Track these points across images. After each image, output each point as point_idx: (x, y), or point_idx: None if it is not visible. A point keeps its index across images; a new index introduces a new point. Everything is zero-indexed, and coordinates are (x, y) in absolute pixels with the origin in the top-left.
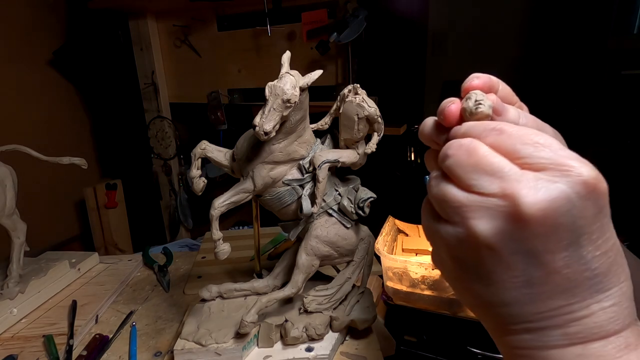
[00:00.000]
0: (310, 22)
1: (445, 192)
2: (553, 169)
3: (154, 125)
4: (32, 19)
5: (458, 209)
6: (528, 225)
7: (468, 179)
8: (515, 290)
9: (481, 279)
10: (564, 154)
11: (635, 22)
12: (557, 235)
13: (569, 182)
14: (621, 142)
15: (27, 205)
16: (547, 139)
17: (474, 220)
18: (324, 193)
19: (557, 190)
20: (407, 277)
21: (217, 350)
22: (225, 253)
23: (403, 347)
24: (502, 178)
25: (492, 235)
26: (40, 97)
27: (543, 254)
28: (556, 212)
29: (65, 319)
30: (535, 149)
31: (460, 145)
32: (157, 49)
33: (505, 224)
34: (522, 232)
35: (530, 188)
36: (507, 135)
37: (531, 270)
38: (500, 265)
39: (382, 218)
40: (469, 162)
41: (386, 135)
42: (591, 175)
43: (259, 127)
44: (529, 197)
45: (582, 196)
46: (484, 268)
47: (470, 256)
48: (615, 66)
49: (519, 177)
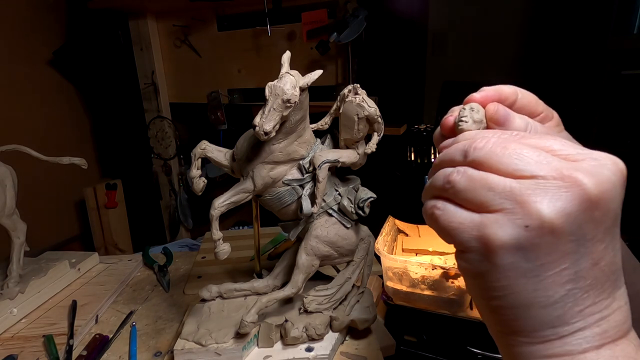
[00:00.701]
0: (310, 22)
1: (488, 180)
2: (591, 158)
3: (154, 125)
4: (32, 19)
5: (510, 194)
6: (592, 207)
7: (512, 165)
8: (562, 286)
9: (532, 275)
10: (586, 149)
11: (635, 22)
12: (605, 222)
13: (612, 170)
14: (621, 142)
15: (27, 205)
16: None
17: (535, 203)
18: (324, 193)
19: (607, 176)
20: (407, 277)
21: (217, 350)
22: (225, 253)
23: (403, 347)
24: (552, 163)
25: (558, 216)
26: (40, 97)
27: (591, 242)
28: (609, 196)
29: (65, 319)
30: (564, 145)
31: (488, 138)
32: (157, 49)
33: (570, 204)
34: (584, 215)
35: (586, 172)
36: (528, 137)
37: (579, 260)
38: (557, 253)
39: (382, 218)
40: (507, 151)
41: (386, 135)
42: (623, 165)
43: (259, 127)
44: (591, 180)
45: (621, 184)
46: (540, 260)
47: (528, 246)
48: (615, 66)
49: (571, 163)
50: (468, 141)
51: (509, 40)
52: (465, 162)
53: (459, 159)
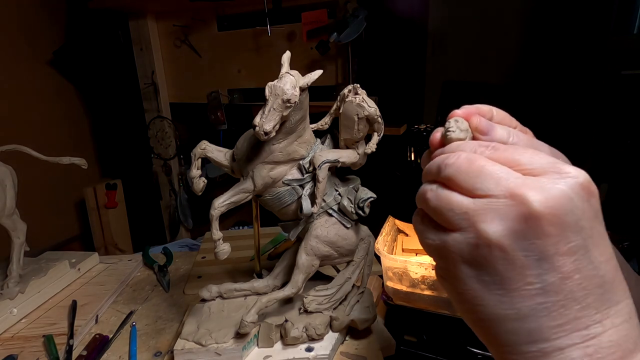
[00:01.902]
0: (310, 22)
1: (450, 200)
2: (552, 172)
3: (154, 125)
4: (32, 19)
5: (465, 214)
6: (538, 223)
7: (472, 183)
8: (530, 300)
9: (495, 288)
10: (558, 161)
11: (635, 22)
12: (566, 236)
13: (568, 184)
14: (621, 142)
15: (27, 205)
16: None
17: (484, 223)
18: (324, 193)
19: (560, 190)
20: (407, 277)
21: (217, 350)
22: (225, 253)
23: (403, 347)
24: (508, 180)
25: (504, 235)
26: (40, 97)
27: (555, 257)
28: (562, 211)
29: (65, 319)
30: (532, 157)
31: (459, 155)
32: (157, 49)
33: (516, 223)
34: (533, 231)
35: (536, 188)
36: (502, 149)
37: (545, 275)
38: (515, 270)
39: (382, 218)
40: (472, 168)
41: (386, 135)
42: (586, 178)
43: (259, 127)
44: (538, 196)
45: (581, 197)
46: (499, 274)
47: (484, 263)
48: (615, 66)
49: (523, 180)
50: (443, 156)
51: (509, 40)
52: (439, 177)
53: (435, 174)
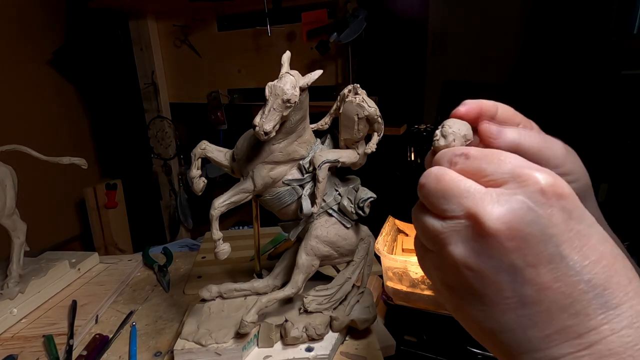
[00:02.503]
0: (310, 22)
1: (424, 223)
2: (513, 181)
3: (154, 125)
4: (32, 19)
5: (435, 238)
6: (496, 241)
7: (439, 204)
8: (511, 313)
9: (477, 305)
10: (525, 165)
11: (635, 22)
12: (532, 247)
13: (527, 192)
14: (621, 142)
15: (27, 205)
16: (510, 155)
17: (449, 245)
18: (324, 193)
19: (517, 201)
20: (407, 277)
21: (217, 350)
22: (225, 253)
23: (403, 347)
24: (467, 198)
25: (468, 256)
26: (40, 97)
27: (526, 269)
28: (521, 223)
29: (65, 319)
30: (498, 165)
31: (430, 173)
32: (157, 49)
33: (476, 243)
34: (494, 249)
35: (492, 203)
36: (472, 157)
37: (521, 288)
38: (489, 286)
39: (382, 218)
40: (438, 188)
41: (386, 135)
42: (548, 182)
43: (259, 127)
44: (492, 213)
45: (543, 204)
46: (476, 292)
47: (459, 282)
48: (615, 66)
49: (483, 195)
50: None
51: (509, 40)
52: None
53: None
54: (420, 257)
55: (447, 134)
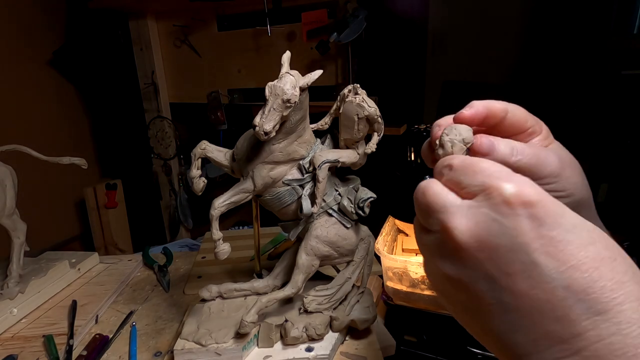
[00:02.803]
0: (310, 22)
1: (418, 235)
2: (481, 193)
3: (154, 125)
4: (32, 19)
5: (424, 252)
6: (468, 253)
7: (424, 219)
8: (497, 318)
9: (467, 312)
10: (495, 175)
11: (635, 22)
12: (503, 257)
13: (491, 205)
14: (621, 142)
15: (27, 205)
16: (486, 164)
17: (433, 257)
18: (324, 193)
19: (482, 214)
20: (407, 277)
21: (217, 350)
22: (225, 253)
23: (403, 347)
24: (443, 212)
25: (448, 268)
26: (40, 97)
27: (501, 278)
28: (488, 235)
29: (65, 319)
30: (472, 177)
31: (419, 187)
32: (157, 49)
33: (451, 256)
34: (468, 261)
35: (461, 217)
36: (454, 169)
37: (500, 296)
38: (471, 295)
39: (382, 218)
40: (423, 202)
41: (386, 135)
42: (511, 192)
43: (259, 127)
44: (460, 227)
45: (507, 214)
46: (464, 301)
47: (449, 292)
48: (615, 66)
49: (455, 210)
50: None
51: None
52: None
53: None
54: (424, 264)
55: (445, 142)
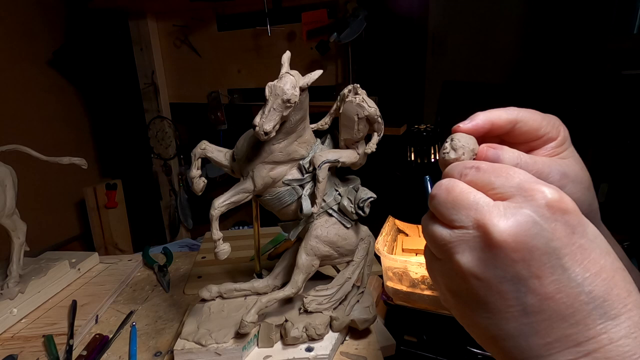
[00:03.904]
0: (310, 22)
1: (433, 232)
2: (519, 195)
3: (154, 125)
4: (32, 19)
5: (444, 246)
6: (503, 251)
7: (449, 215)
8: (514, 321)
9: (482, 312)
10: (532, 180)
11: (635, 22)
12: (536, 259)
13: (533, 206)
14: (621, 142)
15: (27, 205)
16: (518, 170)
17: (457, 254)
18: (324, 193)
19: (523, 215)
20: (407, 277)
21: (217, 350)
22: (225, 253)
23: (403, 347)
24: (476, 210)
25: (475, 265)
26: (40, 97)
27: (530, 280)
28: (526, 236)
29: (65, 319)
30: (506, 179)
31: (441, 184)
32: (157, 49)
33: (483, 253)
34: (500, 259)
35: (500, 216)
36: (483, 170)
37: (524, 298)
38: (494, 295)
39: (382, 218)
40: (448, 199)
41: (386, 135)
42: (554, 197)
43: (259, 127)
44: (499, 225)
45: (547, 218)
46: (481, 300)
47: (465, 289)
48: (615, 66)
49: (491, 208)
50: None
51: (509, 40)
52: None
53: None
54: (428, 265)
55: (457, 147)
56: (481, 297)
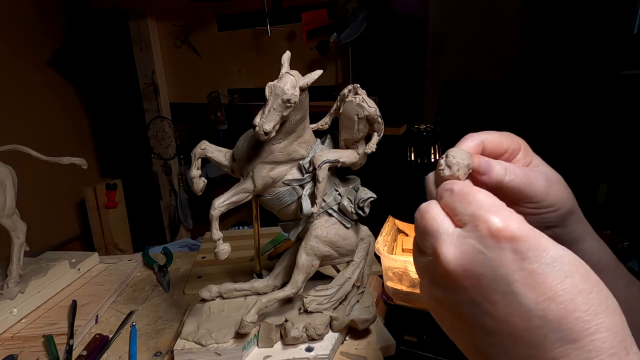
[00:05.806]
0: (310, 22)
1: (415, 256)
2: (470, 223)
3: (154, 125)
4: (32, 19)
5: (419, 272)
6: (455, 279)
7: (420, 241)
8: (481, 339)
9: (453, 333)
10: (486, 208)
11: (635, 22)
12: (485, 286)
13: (477, 236)
14: (621, 142)
15: (27, 205)
16: (482, 195)
17: (423, 279)
18: (324, 193)
19: (468, 244)
20: (407, 277)
21: (217, 350)
22: (225, 253)
23: (403, 347)
24: (435, 237)
25: (437, 290)
26: (40, 97)
27: (484, 304)
28: (472, 264)
29: (65, 319)
30: (466, 206)
31: (419, 208)
32: (157, 49)
33: (442, 279)
34: (454, 286)
35: (450, 245)
36: (453, 194)
37: (483, 320)
38: (457, 317)
39: (382, 218)
40: (420, 224)
41: (386, 135)
42: (497, 226)
43: (259, 127)
44: (448, 254)
45: (492, 247)
46: (449, 321)
47: (437, 312)
48: (615, 66)
49: (446, 236)
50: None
51: (509, 40)
52: None
53: None
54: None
55: (452, 164)
56: (447, 317)
